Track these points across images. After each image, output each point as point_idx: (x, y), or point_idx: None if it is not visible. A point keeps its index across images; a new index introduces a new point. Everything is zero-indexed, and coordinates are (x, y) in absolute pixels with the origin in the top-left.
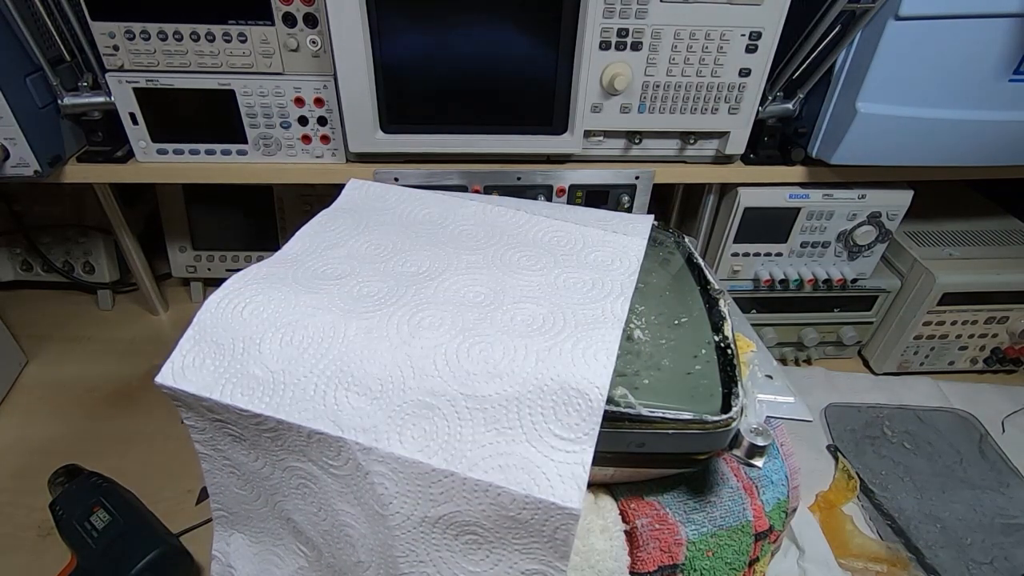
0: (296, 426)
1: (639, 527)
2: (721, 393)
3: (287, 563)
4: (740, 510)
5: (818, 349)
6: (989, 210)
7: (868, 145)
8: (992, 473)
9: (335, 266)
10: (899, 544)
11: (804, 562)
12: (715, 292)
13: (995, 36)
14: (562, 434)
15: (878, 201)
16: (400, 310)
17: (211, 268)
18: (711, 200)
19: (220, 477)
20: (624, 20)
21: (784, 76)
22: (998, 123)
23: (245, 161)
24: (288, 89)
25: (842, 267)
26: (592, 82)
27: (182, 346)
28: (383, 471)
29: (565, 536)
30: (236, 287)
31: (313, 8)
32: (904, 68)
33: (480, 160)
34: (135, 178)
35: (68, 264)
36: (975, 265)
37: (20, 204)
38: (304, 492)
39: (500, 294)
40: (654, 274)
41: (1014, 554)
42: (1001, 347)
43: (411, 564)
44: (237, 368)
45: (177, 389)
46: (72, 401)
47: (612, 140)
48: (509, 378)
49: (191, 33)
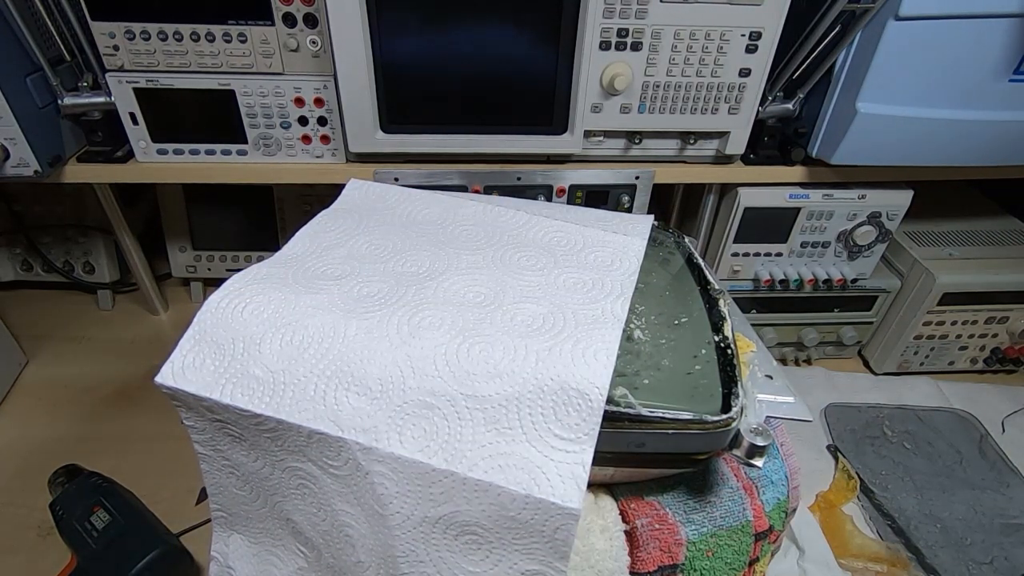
0: (296, 426)
1: (639, 527)
2: (721, 393)
3: (287, 563)
4: (740, 510)
5: (818, 349)
6: (989, 210)
7: (868, 145)
8: (992, 473)
9: (335, 266)
10: (899, 544)
11: (804, 562)
12: (715, 292)
13: (995, 36)
14: (562, 434)
15: (878, 201)
16: (400, 310)
17: (211, 268)
18: (711, 200)
19: (220, 477)
20: (624, 20)
21: (784, 76)
22: (998, 123)
23: (245, 161)
24: (288, 89)
25: (842, 267)
26: (592, 82)
27: (182, 346)
28: (383, 471)
29: (565, 536)
30: (236, 287)
31: (313, 8)
32: (904, 68)
33: (480, 160)
34: (135, 178)
35: (68, 264)
36: (975, 265)
37: (20, 204)
38: (304, 492)
39: (500, 294)
40: (654, 274)
41: (1014, 554)
42: (1001, 347)
43: (411, 564)
44: (237, 368)
45: (177, 389)
46: (72, 401)
47: (612, 140)
48: (509, 378)
49: (191, 33)
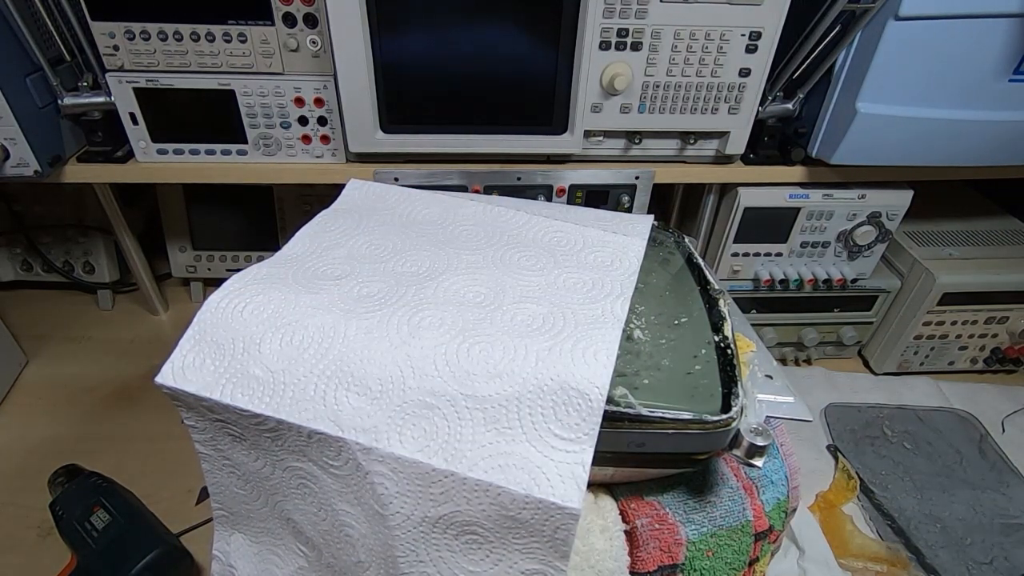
0: (296, 426)
1: (639, 527)
2: (721, 393)
3: (287, 563)
4: (740, 510)
5: (818, 349)
6: (989, 210)
7: (868, 145)
8: (992, 473)
9: (335, 266)
10: (899, 544)
11: (804, 562)
12: (715, 292)
13: (995, 36)
14: (562, 434)
15: (878, 201)
16: (400, 310)
17: (211, 268)
18: (711, 200)
19: (220, 477)
20: (624, 20)
21: (784, 76)
22: (998, 123)
23: (245, 161)
24: (288, 89)
25: (842, 267)
26: (592, 82)
27: (182, 346)
28: (383, 471)
29: (565, 536)
30: (236, 287)
31: (313, 8)
32: (904, 68)
33: (480, 160)
34: (135, 178)
35: (68, 264)
36: (975, 265)
37: (20, 204)
38: (304, 492)
39: (500, 294)
40: (654, 274)
41: (1014, 554)
42: (1001, 347)
43: (411, 564)
44: (237, 368)
45: (177, 389)
46: (72, 401)
47: (612, 140)
48: (509, 378)
49: (191, 33)
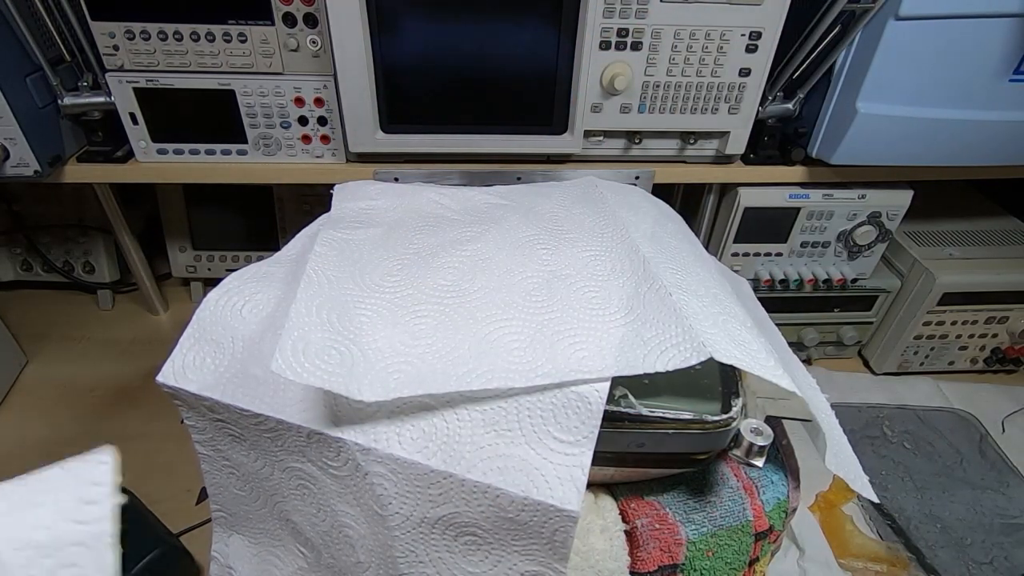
0: (296, 426)
1: (639, 527)
2: (721, 393)
3: (286, 564)
4: (740, 510)
5: (818, 349)
6: (989, 210)
7: (868, 145)
8: (992, 473)
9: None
10: (899, 544)
11: (804, 562)
12: None
13: (995, 36)
14: (561, 436)
15: (878, 201)
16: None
17: (211, 268)
18: (711, 200)
19: (220, 477)
20: (624, 20)
21: (784, 76)
22: (998, 123)
23: (245, 161)
24: (288, 89)
25: (842, 267)
26: (592, 82)
27: (182, 344)
28: (382, 472)
29: (564, 538)
30: (235, 284)
31: (313, 8)
32: (904, 68)
33: (480, 160)
34: (135, 178)
35: (68, 264)
36: (975, 265)
37: (20, 204)
38: (303, 493)
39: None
40: None
41: (1014, 554)
42: (1001, 347)
43: (410, 565)
44: (237, 368)
45: (178, 388)
46: (72, 401)
47: (612, 140)
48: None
49: (191, 33)
